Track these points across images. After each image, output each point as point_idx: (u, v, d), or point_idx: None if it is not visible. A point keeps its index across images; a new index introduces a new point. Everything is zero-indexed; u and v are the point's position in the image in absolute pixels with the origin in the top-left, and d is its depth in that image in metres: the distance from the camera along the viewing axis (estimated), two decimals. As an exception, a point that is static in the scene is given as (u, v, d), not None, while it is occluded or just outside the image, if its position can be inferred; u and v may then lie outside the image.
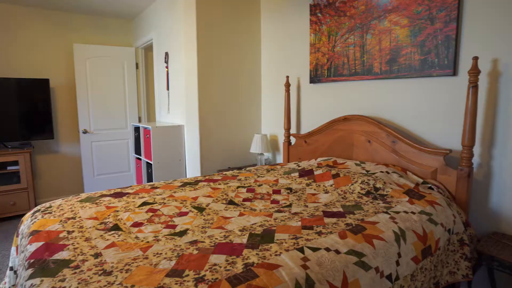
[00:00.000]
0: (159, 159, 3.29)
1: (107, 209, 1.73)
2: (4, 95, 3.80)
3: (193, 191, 2.06)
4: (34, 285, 1.08)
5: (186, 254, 1.24)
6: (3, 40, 3.98)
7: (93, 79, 4.36)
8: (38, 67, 4.20)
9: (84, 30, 4.46)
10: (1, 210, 3.65)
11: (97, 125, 4.42)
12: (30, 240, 1.42)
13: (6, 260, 2.77)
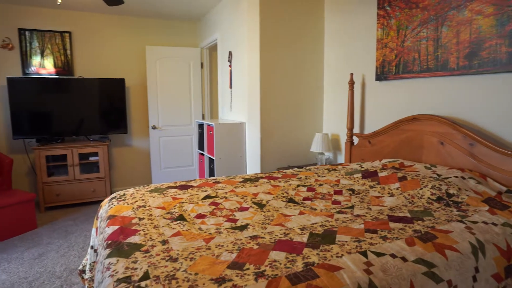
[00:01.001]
0: (221, 155, 3.40)
1: (173, 200, 1.83)
2: (89, 94, 4.25)
3: (253, 187, 2.09)
4: (112, 263, 1.18)
5: (246, 248, 1.26)
6: (88, 44, 4.46)
7: (162, 79, 4.67)
8: (116, 68, 4.62)
9: (155, 33, 4.79)
10: (84, 195, 4.10)
11: (164, 122, 4.73)
12: (108, 223, 1.57)
13: (88, 239, 3.10)
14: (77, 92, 4.21)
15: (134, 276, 1.08)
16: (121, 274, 1.10)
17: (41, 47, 4.26)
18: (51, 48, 4.30)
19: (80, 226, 3.46)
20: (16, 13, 4.12)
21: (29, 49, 4.21)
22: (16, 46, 4.16)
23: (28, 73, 4.22)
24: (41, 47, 4.26)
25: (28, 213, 3.32)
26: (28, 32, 4.18)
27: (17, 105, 3.93)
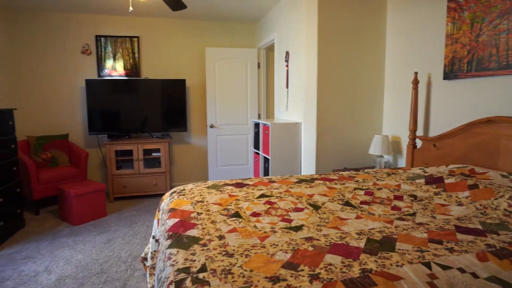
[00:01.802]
0: (276, 155, 3.42)
1: (230, 197, 1.89)
2: (153, 94, 4.56)
3: (308, 188, 2.07)
4: (172, 254, 1.26)
5: (301, 249, 1.26)
6: (153, 47, 4.77)
7: (220, 79, 4.82)
8: (177, 69, 4.88)
9: (214, 35, 4.96)
10: (146, 188, 4.40)
11: (222, 121, 4.88)
12: (169, 216, 1.67)
13: (149, 229, 3.33)
14: (142, 92, 4.53)
15: (193, 267, 1.14)
16: (181, 265, 1.16)
17: (114, 51, 4.66)
18: (121, 52, 4.68)
19: (143, 216, 3.72)
20: (94, 21, 4.55)
21: (103, 53, 4.63)
22: (93, 51, 4.60)
23: (102, 75, 4.64)
24: (114, 51, 4.66)
25: (100, 201, 3.66)
26: (103, 38, 4.60)
27: (93, 104, 4.36)
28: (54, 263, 2.66)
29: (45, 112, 4.52)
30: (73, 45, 4.53)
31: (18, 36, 4.34)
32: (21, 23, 4.34)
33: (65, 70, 4.54)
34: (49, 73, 4.50)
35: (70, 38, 4.51)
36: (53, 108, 4.55)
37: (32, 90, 4.46)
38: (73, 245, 2.98)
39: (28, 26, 4.36)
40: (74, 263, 2.65)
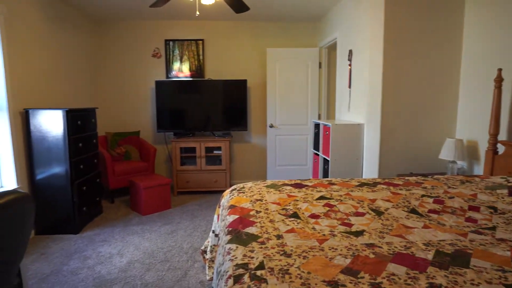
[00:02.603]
0: (337, 156, 3.33)
1: (288, 197, 1.89)
2: (215, 94, 4.74)
3: (370, 192, 1.98)
4: (232, 249, 1.30)
5: (361, 255, 1.21)
6: (217, 49, 4.96)
7: (281, 79, 4.84)
8: (239, 70, 5.01)
9: (275, 35, 4.99)
10: (207, 184, 4.59)
11: (281, 121, 4.89)
12: (229, 212, 1.72)
13: (209, 224, 3.47)
14: (206, 93, 4.74)
15: (251, 264, 1.16)
16: (239, 260, 1.19)
17: (180, 54, 4.94)
18: (187, 55, 4.94)
19: (204, 211, 3.90)
20: (164, 27, 4.88)
21: (171, 56, 4.94)
22: (162, 54, 4.93)
23: (170, 77, 4.96)
24: (180, 54, 4.94)
25: (165, 195, 3.92)
26: (171, 42, 4.91)
27: (161, 104, 4.68)
28: (125, 247, 2.92)
29: (121, 110, 4.98)
30: (145, 49, 4.91)
31: (100, 42, 4.84)
32: (103, 31, 4.83)
33: (138, 73, 4.94)
34: (125, 76, 4.93)
35: (143, 43, 4.89)
36: (127, 107, 4.98)
37: (110, 91, 4.94)
38: (141, 233, 3.23)
39: (108, 33, 4.84)
40: (142, 250, 2.88)
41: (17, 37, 3.09)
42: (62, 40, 3.88)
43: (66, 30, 3.97)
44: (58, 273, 2.50)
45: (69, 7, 4.04)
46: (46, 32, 3.56)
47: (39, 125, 3.10)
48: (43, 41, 3.49)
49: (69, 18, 4.06)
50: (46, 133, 3.11)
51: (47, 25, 3.57)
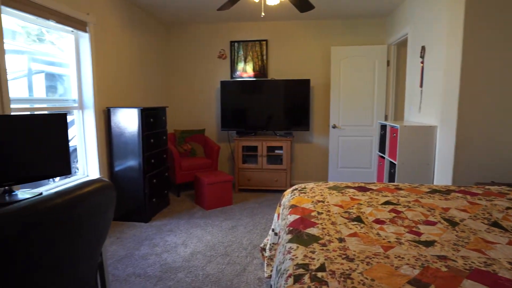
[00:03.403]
0: (404, 160, 3.13)
1: (351, 200, 1.83)
2: (277, 94, 4.77)
3: (443, 200, 1.83)
4: (292, 248, 1.30)
5: (432, 267, 1.12)
6: (280, 49, 4.98)
7: (345, 78, 4.69)
8: (302, 70, 4.97)
9: (340, 33, 4.85)
10: (268, 183, 4.65)
11: (345, 121, 4.75)
12: (290, 212, 1.72)
13: (269, 222, 3.51)
14: (268, 93, 4.79)
15: (312, 265, 1.15)
16: (300, 260, 1.19)
17: (244, 54, 5.07)
18: (251, 55, 5.05)
19: (264, 209, 3.95)
20: (229, 29, 5.05)
21: (236, 57, 5.09)
22: (227, 55, 5.11)
23: (234, 77, 5.11)
24: (244, 55, 5.07)
25: (227, 191, 4.06)
26: (236, 43, 5.06)
27: (225, 103, 4.85)
28: (189, 239, 3.09)
29: (188, 109, 5.28)
30: (211, 51, 5.13)
31: (171, 45, 5.19)
32: (173, 35, 5.17)
33: (204, 73, 5.19)
34: (192, 76, 5.22)
35: (209, 45, 5.12)
36: (194, 106, 5.26)
37: (179, 91, 5.26)
38: (204, 227, 3.39)
39: (178, 37, 5.16)
40: (204, 242, 3.02)
41: (101, 43, 3.45)
42: (138, 44, 4.24)
43: (142, 35, 4.33)
44: (131, 257, 2.74)
45: (144, 14, 4.39)
46: (125, 38, 3.92)
47: (118, 122, 3.43)
48: (122, 46, 3.86)
49: (144, 24, 4.42)
50: (123, 129, 3.43)
51: (125, 31, 3.93)
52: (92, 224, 0.89)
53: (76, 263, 0.90)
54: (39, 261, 0.75)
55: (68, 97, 3.22)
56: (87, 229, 0.88)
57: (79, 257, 0.91)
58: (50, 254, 0.78)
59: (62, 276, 0.86)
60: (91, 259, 1.00)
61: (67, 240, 0.82)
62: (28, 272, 0.74)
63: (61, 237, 0.79)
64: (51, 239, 0.76)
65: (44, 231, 0.73)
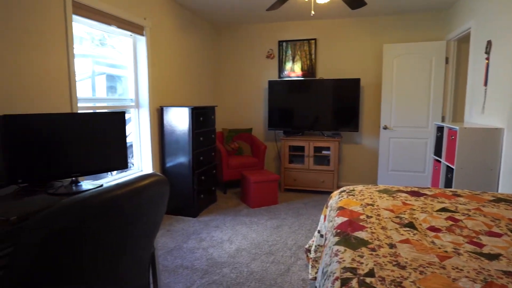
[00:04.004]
0: (463, 165, 2.90)
1: (403, 205, 1.74)
2: (325, 94, 4.68)
3: (510, 210, 1.67)
4: (339, 251, 1.27)
5: (497, 283, 1.03)
6: (329, 48, 4.88)
7: (398, 77, 4.46)
8: (352, 69, 4.82)
9: (393, 30, 4.62)
10: (314, 184, 4.58)
11: (397, 122, 4.52)
12: (337, 214, 1.68)
13: (314, 223, 3.46)
14: (315, 92, 4.72)
15: (360, 269, 1.11)
16: (347, 263, 1.16)
17: (293, 54, 5.04)
18: (299, 54, 5.00)
19: (309, 210, 3.90)
20: (277, 28, 5.06)
21: (284, 56, 5.08)
22: (275, 55, 5.12)
23: (282, 77, 5.11)
24: (293, 54, 5.04)
25: (273, 190, 4.07)
26: (284, 43, 5.05)
27: (272, 103, 4.87)
28: (234, 235, 3.15)
29: (236, 108, 5.38)
30: (259, 51, 5.17)
31: (220, 46, 5.32)
32: (222, 36, 5.30)
33: (252, 73, 5.25)
34: (241, 76, 5.30)
35: (258, 45, 5.17)
36: (242, 105, 5.35)
37: (228, 91, 5.39)
38: (249, 224, 3.44)
39: (227, 37, 5.28)
40: (249, 240, 3.06)
41: (156, 45, 3.65)
42: (189, 45, 4.41)
43: (193, 36, 4.50)
44: (179, 249, 2.87)
45: (194, 15, 4.55)
46: (177, 40, 4.10)
47: (170, 120, 3.60)
48: (174, 47, 4.04)
49: (196, 26, 4.58)
50: (175, 127, 3.59)
51: (178, 34, 4.11)
52: (148, 215, 0.95)
53: (133, 251, 0.97)
54: (103, 246, 0.82)
55: (126, 96, 3.44)
56: (143, 219, 0.94)
57: (136, 245, 0.97)
58: (112, 240, 0.85)
59: (121, 261, 0.92)
60: (146, 248, 1.06)
61: (126, 228, 0.89)
62: (93, 255, 0.81)
63: (122, 225, 0.86)
64: (114, 226, 0.83)
65: (107, 218, 0.79)
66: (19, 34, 2.08)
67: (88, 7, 2.63)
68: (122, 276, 0.96)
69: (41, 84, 2.26)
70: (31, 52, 2.18)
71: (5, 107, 2.01)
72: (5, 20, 1.99)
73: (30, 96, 2.18)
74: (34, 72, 2.21)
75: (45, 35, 2.27)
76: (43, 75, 2.27)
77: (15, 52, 2.06)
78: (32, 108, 2.20)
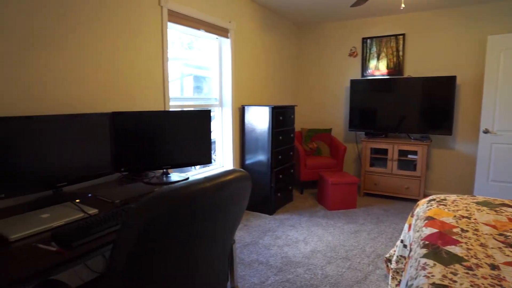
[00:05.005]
0: None
1: (509, 222, 1.51)
2: (413, 93, 4.31)
3: None
4: (427, 264, 1.16)
5: None
6: (419, 43, 4.47)
7: (505, 74, 3.88)
8: (445, 65, 4.34)
9: (499, 19, 4.02)
10: (397, 190, 4.27)
11: (501, 125, 3.93)
12: (425, 224, 1.54)
13: (396, 232, 3.23)
14: (402, 91, 4.37)
15: (452, 288, 1.00)
16: (437, 279, 1.05)
17: (378, 51, 4.75)
18: (385, 51, 4.70)
19: (391, 217, 3.65)
20: (361, 25, 4.82)
21: (368, 54, 4.83)
22: (359, 53, 4.90)
23: (365, 75, 4.86)
24: (378, 52, 4.76)
25: (351, 194, 3.91)
26: (369, 39, 4.79)
27: (354, 103, 4.67)
28: (310, 236, 3.11)
29: (316, 108, 5.30)
30: (342, 49, 5.01)
31: (302, 44, 5.30)
32: (303, 35, 5.26)
33: (334, 72, 5.11)
34: (321, 75, 5.21)
35: (340, 43, 5.00)
36: (322, 105, 5.25)
37: (307, 90, 5.34)
38: (325, 227, 3.37)
39: (308, 36, 5.22)
40: (325, 242, 2.99)
41: (239, 47, 3.80)
42: (270, 45, 4.49)
43: (274, 36, 4.57)
44: (255, 244, 2.95)
45: (276, 15, 4.61)
46: (259, 40, 4.20)
47: (251, 119, 3.72)
48: (256, 48, 4.15)
49: (277, 26, 4.64)
50: (255, 125, 3.70)
51: (260, 34, 4.21)
52: (232, 208, 1.00)
53: (217, 241, 1.03)
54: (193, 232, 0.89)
55: (210, 96, 3.67)
56: (227, 212, 0.99)
57: (220, 237, 1.03)
58: (201, 228, 0.92)
59: (208, 247, 0.99)
60: (227, 240, 1.12)
61: (214, 218, 0.95)
62: (184, 240, 0.88)
63: (210, 215, 0.92)
64: (203, 216, 0.89)
65: (198, 208, 0.86)
66: (124, 41, 2.38)
67: (181, 14, 2.87)
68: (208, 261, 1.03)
69: (141, 85, 2.54)
70: (134, 57, 2.46)
71: (113, 105, 2.31)
72: (112, 29, 2.29)
73: (133, 95, 2.47)
74: (136, 74, 2.49)
75: (145, 41, 2.55)
76: (143, 76, 2.55)
77: (121, 57, 2.36)
78: (133, 105, 2.49)
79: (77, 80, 2.06)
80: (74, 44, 2.03)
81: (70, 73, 2.01)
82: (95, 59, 2.17)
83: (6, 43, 1.68)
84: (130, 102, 2.46)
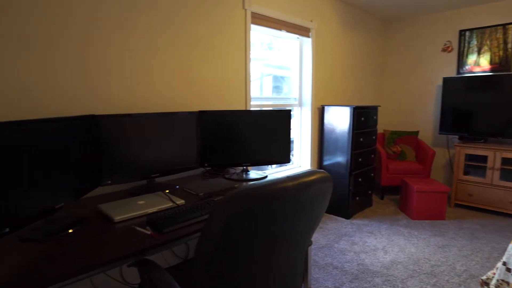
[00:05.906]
0: None
1: None
2: None
3: None
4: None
5: None
6: None
7: None
8: None
9: None
10: (498, 203, 3.73)
11: None
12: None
13: (495, 251, 2.83)
14: (509, 90, 3.80)
15: None
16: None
17: (479, 44, 4.21)
18: (488, 45, 4.14)
19: (489, 234, 3.21)
20: (457, 16, 4.32)
21: (466, 48, 4.31)
22: (454, 48, 4.40)
23: (462, 72, 4.35)
24: (479, 45, 4.21)
25: (440, 203, 3.55)
26: (468, 32, 4.27)
27: (447, 103, 4.22)
28: (390, 246, 2.92)
29: (400, 109, 4.94)
30: (433, 44, 4.56)
31: (385, 41, 4.98)
32: (388, 30, 4.93)
33: (422, 70, 4.69)
34: (407, 73, 4.83)
35: (431, 38, 4.57)
36: (407, 105, 4.87)
37: (391, 89, 5.00)
38: (408, 237, 3.12)
39: (393, 32, 4.87)
40: (407, 254, 2.77)
41: (320, 46, 3.73)
42: (352, 43, 4.31)
43: (357, 34, 4.37)
44: (330, 248, 2.88)
45: (360, 11, 4.40)
46: (340, 39, 4.07)
47: (330, 119, 3.64)
48: (337, 46, 4.03)
49: (360, 23, 4.43)
50: (335, 126, 3.60)
51: (341, 32, 4.07)
52: (312, 210, 0.99)
53: (294, 242, 1.03)
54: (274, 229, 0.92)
55: (290, 95, 3.68)
56: (308, 213, 0.99)
57: (298, 237, 1.04)
58: (281, 225, 0.93)
59: (282, 250, 1.00)
60: (305, 241, 1.12)
61: (292, 219, 0.96)
62: (266, 236, 0.91)
63: (289, 215, 0.93)
64: (285, 213, 0.91)
65: (280, 205, 0.88)
66: (212, 44, 2.53)
67: (264, 16, 2.94)
68: (285, 261, 1.05)
69: (225, 86, 2.68)
70: (222, 59, 2.61)
71: (200, 104, 2.49)
72: (202, 37, 2.46)
73: (218, 95, 2.62)
74: (222, 75, 2.64)
75: (231, 43, 2.68)
76: (228, 76, 2.69)
77: (208, 60, 2.52)
78: (217, 105, 2.64)
79: (169, 81, 2.27)
80: (166, 49, 2.23)
81: (161, 74, 2.23)
82: (188, 63, 2.36)
83: (120, 52, 1.94)
84: (214, 101, 2.61)
